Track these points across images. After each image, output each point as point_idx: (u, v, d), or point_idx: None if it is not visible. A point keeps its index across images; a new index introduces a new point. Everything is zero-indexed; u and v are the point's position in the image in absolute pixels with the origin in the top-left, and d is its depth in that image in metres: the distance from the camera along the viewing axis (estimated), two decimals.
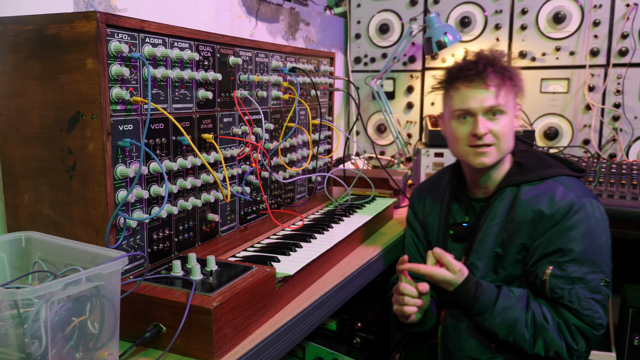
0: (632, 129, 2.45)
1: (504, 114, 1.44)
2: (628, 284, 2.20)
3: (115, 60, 1.11)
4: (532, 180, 1.46)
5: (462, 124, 1.47)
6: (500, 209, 1.46)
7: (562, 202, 1.40)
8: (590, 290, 1.36)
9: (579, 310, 1.36)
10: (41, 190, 1.19)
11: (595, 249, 1.38)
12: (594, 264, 1.37)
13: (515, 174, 1.49)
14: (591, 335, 1.37)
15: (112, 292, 0.95)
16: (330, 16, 2.91)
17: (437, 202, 1.64)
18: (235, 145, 1.53)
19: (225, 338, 1.05)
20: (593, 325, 1.36)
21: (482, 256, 1.47)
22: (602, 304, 1.37)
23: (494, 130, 1.43)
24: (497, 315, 1.38)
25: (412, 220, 1.73)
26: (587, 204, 1.40)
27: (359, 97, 2.72)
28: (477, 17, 2.67)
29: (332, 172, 2.13)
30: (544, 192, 1.43)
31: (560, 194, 1.41)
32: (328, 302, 1.38)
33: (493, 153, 1.45)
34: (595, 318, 1.36)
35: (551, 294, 1.38)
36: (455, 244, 1.58)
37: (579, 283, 1.36)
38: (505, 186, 1.48)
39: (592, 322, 1.36)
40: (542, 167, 1.49)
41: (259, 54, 1.61)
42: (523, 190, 1.45)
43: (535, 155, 1.54)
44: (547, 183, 1.45)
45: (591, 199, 1.43)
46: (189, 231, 1.38)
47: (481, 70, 1.43)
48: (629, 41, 2.41)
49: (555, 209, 1.40)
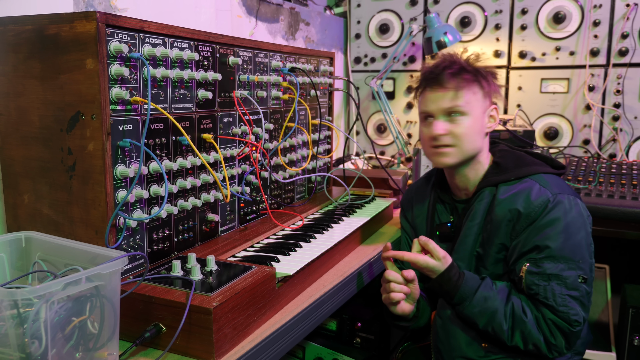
0: (632, 129, 2.45)
1: (465, 115, 1.45)
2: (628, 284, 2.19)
3: (115, 60, 1.11)
4: (509, 180, 1.47)
5: (426, 127, 1.51)
6: (479, 209, 1.48)
7: (537, 200, 1.40)
8: (566, 286, 1.36)
9: (554, 307, 1.36)
10: (41, 190, 1.19)
11: (572, 245, 1.38)
12: (571, 261, 1.37)
13: (492, 174, 1.50)
14: (567, 331, 1.36)
15: (112, 292, 0.95)
16: (330, 16, 2.91)
17: (425, 204, 1.66)
18: (235, 145, 1.53)
19: (225, 338, 1.06)
20: (569, 321, 1.36)
21: (463, 256, 1.49)
22: (579, 300, 1.37)
23: (453, 132, 1.45)
24: (476, 304, 1.39)
25: (403, 222, 1.76)
26: (564, 200, 1.40)
27: (358, 97, 2.72)
28: (477, 17, 2.67)
29: (331, 172, 2.13)
30: (521, 191, 1.44)
31: (536, 192, 1.42)
32: (328, 302, 1.38)
33: (453, 153, 1.46)
34: (570, 315, 1.36)
35: (527, 290, 1.39)
36: (443, 244, 1.59)
37: (555, 280, 1.36)
38: (484, 187, 1.49)
39: (568, 318, 1.36)
40: (519, 166, 1.50)
41: (258, 54, 1.61)
42: (500, 190, 1.46)
43: (514, 155, 1.55)
44: (524, 182, 1.45)
45: (568, 195, 1.42)
46: (189, 231, 1.38)
47: (438, 73, 1.47)
48: (629, 41, 2.41)
49: (531, 208, 1.40)
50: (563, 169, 1.54)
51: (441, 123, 1.45)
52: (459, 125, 1.45)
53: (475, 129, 1.47)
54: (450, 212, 1.61)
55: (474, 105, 1.46)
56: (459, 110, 1.44)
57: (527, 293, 1.40)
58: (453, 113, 1.45)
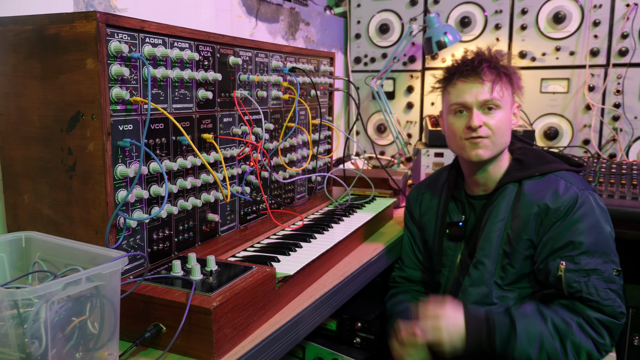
0: (632, 129, 2.46)
1: (499, 109, 1.46)
2: (628, 284, 2.19)
3: (115, 60, 1.11)
4: (533, 176, 1.47)
5: (458, 118, 1.50)
6: (503, 205, 1.47)
7: (566, 195, 1.41)
8: (605, 280, 1.36)
9: (599, 302, 1.35)
10: (41, 190, 1.19)
11: (603, 240, 1.39)
12: (605, 255, 1.38)
13: (515, 170, 1.51)
14: (614, 326, 1.35)
15: (112, 292, 0.95)
16: (330, 16, 2.91)
17: (435, 200, 1.66)
18: (235, 145, 1.53)
19: (225, 338, 1.05)
20: (614, 315, 1.35)
21: (489, 253, 1.47)
22: (618, 293, 1.37)
23: (488, 124, 1.45)
24: (521, 336, 1.34)
25: (408, 221, 1.75)
26: (590, 197, 1.42)
27: (359, 97, 2.72)
28: (477, 17, 2.67)
29: (332, 172, 2.13)
30: (547, 186, 1.44)
31: (563, 188, 1.42)
32: (328, 302, 1.38)
33: (488, 146, 1.46)
34: (615, 307, 1.35)
35: (568, 289, 1.37)
36: (451, 243, 1.59)
37: (594, 274, 1.36)
38: (507, 182, 1.49)
39: (613, 311, 1.35)
40: (542, 162, 1.50)
41: (259, 54, 1.61)
42: (525, 185, 1.46)
43: (534, 152, 1.56)
44: (549, 177, 1.46)
45: (592, 191, 1.44)
46: (189, 231, 1.38)
47: (476, 65, 1.47)
48: (629, 41, 2.41)
49: (560, 203, 1.40)
50: (582, 167, 1.55)
51: (479, 114, 1.46)
52: (494, 117, 1.46)
53: (507, 123, 1.48)
54: (462, 211, 1.60)
55: (506, 100, 1.48)
56: (495, 102, 1.46)
57: (568, 292, 1.38)
58: (489, 106, 1.46)
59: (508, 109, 1.49)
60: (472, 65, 1.47)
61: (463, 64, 1.49)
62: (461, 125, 1.48)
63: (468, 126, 1.46)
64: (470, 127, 1.46)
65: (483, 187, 1.55)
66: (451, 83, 1.51)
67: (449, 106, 1.52)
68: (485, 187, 1.55)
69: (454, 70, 1.51)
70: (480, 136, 1.45)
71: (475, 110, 1.46)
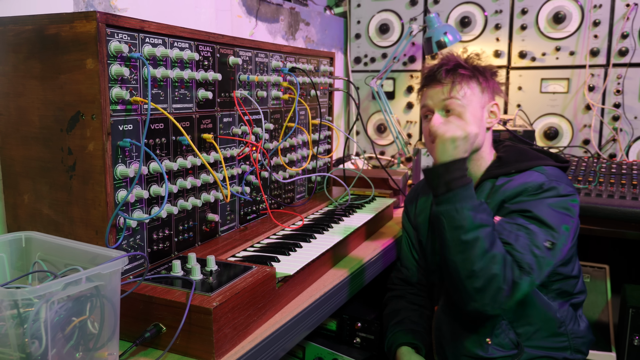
0: (632, 129, 2.45)
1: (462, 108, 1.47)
2: (628, 284, 2.19)
3: (115, 60, 1.11)
4: (509, 173, 1.48)
5: (425, 122, 1.55)
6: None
7: (532, 181, 1.41)
8: (531, 240, 1.33)
9: (513, 246, 1.32)
10: (41, 190, 1.19)
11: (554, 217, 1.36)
12: (546, 227, 1.35)
13: (494, 167, 1.52)
14: (517, 276, 1.30)
15: (112, 292, 0.95)
16: (330, 16, 2.91)
17: (428, 202, 1.67)
18: (235, 145, 1.53)
19: (225, 338, 1.06)
20: (519, 266, 1.31)
21: None
22: (537, 258, 1.33)
23: None
24: (474, 211, 1.31)
25: (405, 222, 1.77)
26: (558, 187, 1.40)
27: (358, 97, 2.72)
28: (477, 17, 2.67)
29: (332, 172, 2.13)
30: (518, 178, 1.45)
31: (533, 178, 1.42)
32: (328, 302, 1.38)
33: None
34: (524, 261, 1.31)
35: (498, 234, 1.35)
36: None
37: (524, 230, 1.35)
38: (485, 179, 1.51)
39: (520, 262, 1.31)
40: (521, 160, 1.51)
41: (258, 54, 1.61)
42: (499, 180, 1.48)
43: (517, 149, 1.57)
44: (524, 173, 1.46)
45: (565, 185, 1.42)
46: (189, 231, 1.38)
47: (435, 70, 1.51)
48: (629, 41, 2.41)
49: (526, 186, 1.41)
50: (567, 163, 1.55)
51: (438, 116, 1.47)
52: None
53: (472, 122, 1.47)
54: None
55: (470, 99, 1.48)
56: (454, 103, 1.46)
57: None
58: (448, 108, 1.47)
59: (475, 107, 1.48)
60: (432, 70, 1.52)
61: (428, 71, 1.55)
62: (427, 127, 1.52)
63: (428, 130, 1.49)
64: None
65: None
66: (422, 90, 1.57)
67: (420, 111, 1.60)
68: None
69: (422, 77, 1.58)
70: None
71: (436, 112, 1.49)
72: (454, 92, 1.47)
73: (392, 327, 1.62)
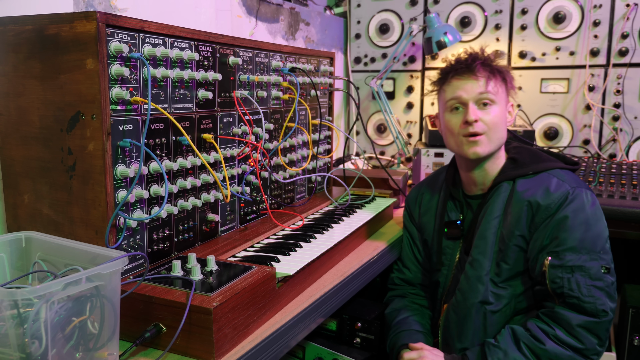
0: (632, 129, 2.46)
1: (494, 104, 1.48)
2: (628, 284, 2.19)
3: (115, 60, 1.11)
4: (527, 174, 1.48)
5: (454, 115, 1.52)
6: (498, 203, 1.48)
7: (557, 192, 1.42)
8: (590, 277, 1.36)
9: (580, 299, 1.35)
10: (41, 190, 1.19)
11: (592, 237, 1.39)
12: (592, 252, 1.37)
13: (510, 168, 1.52)
14: (596, 326, 1.34)
15: (112, 292, 0.95)
16: (330, 16, 2.91)
17: (434, 199, 1.66)
18: (235, 145, 1.53)
19: (225, 338, 1.06)
20: (595, 313, 1.34)
21: (484, 251, 1.48)
22: (604, 290, 1.36)
23: (484, 119, 1.47)
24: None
25: (407, 222, 1.76)
26: (582, 194, 1.42)
27: (359, 97, 2.72)
28: (477, 17, 2.67)
29: (332, 172, 2.13)
30: (539, 184, 1.45)
31: (555, 185, 1.43)
32: (328, 302, 1.38)
33: (484, 142, 1.47)
34: (597, 304, 1.35)
35: (551, 284, 1.38)
36: (450, 242, 1.61)
37: (578, 271, 1.36)
38: (501, 181, 1.51)
39: (595, 309, 1.34)
40: (536, 161, 1.51)
41: (258, 54, 1.61)
42: (518, 183, 1.48)
43: (529, 151, 1.57)
44: (542, 176, 1.47)
45: (585, 189, 1.44)
46: (189, 231, 1.38)
47: (470, 63, 1.50)
48: (629, 41, 2.41)
49: (550, 200, 1.41)
50: (577, 165, 1.56)
51: (475, 109, 1.47)
52: (489, 113, 1.48)
53: (502, 118, 1.50)
54: (460, 210, 1.61)
55: (501, 96, 1.50)
56: (490, 97, 1.47)
57: (551, 288, 1.38)
58: (484, 101, 1.47)
59: (503, 106, 1.51)
60: (465, 63, 1.51)
61: (457, 63, 1.53)
62: (458, 121, 1.50)
63: (465, 121, 1.48)
64: (467, 122, 1.47)
65: (480, 186, 1.56)
66: (446, 82, 1.54)
67: (445, 103, 1.54)
68: (482, 186, 1.56)
69: (448, 69, 1.55)
70: (477, 132, 1.47)
71: (471, 104, 1.48)
72: (490, 87, 1.48)
73: (394, 327, 1.62)
